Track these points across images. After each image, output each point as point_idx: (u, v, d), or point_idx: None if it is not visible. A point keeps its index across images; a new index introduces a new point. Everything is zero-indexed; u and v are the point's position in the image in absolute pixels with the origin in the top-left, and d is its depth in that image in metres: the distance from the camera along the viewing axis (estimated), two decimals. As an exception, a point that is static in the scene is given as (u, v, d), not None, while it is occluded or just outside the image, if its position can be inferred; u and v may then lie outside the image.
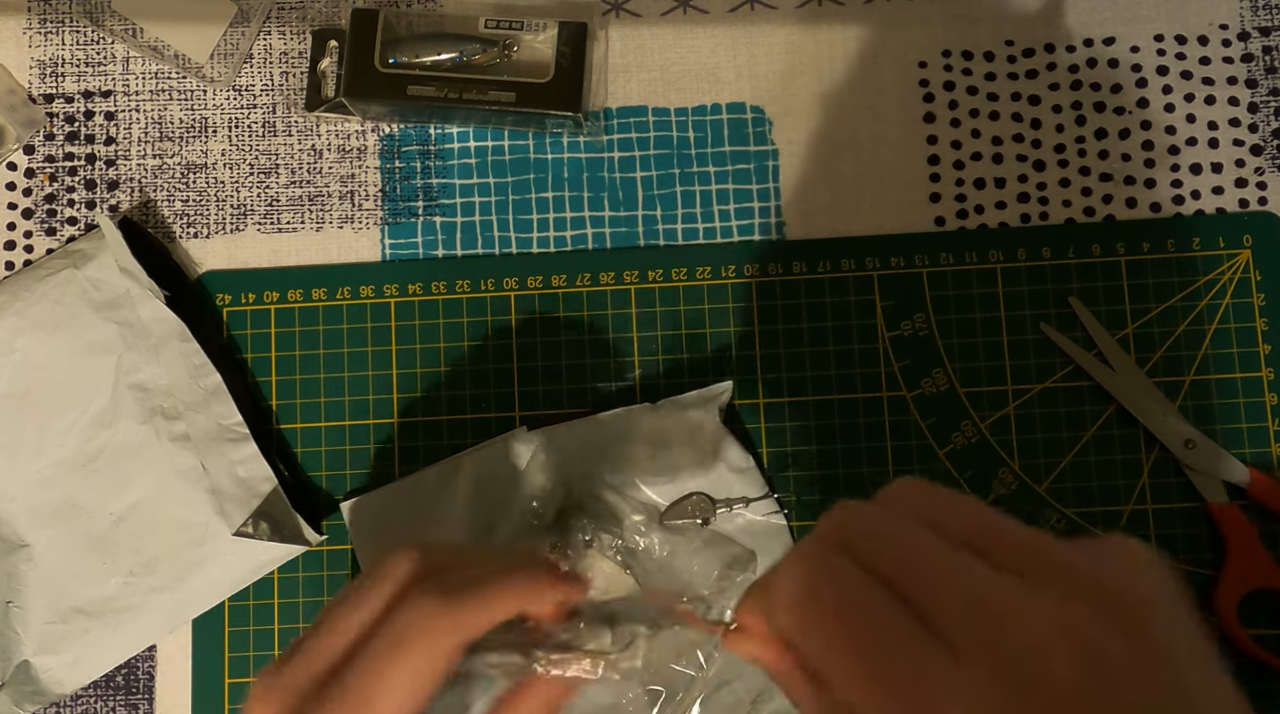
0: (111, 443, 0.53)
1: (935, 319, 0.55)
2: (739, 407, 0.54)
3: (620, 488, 0.52)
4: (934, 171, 0.56)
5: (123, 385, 0.54)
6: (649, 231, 0.56)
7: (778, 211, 0.56)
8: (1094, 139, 0.56)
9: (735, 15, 0.57)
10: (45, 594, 0.53)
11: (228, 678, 0.54)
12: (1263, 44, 0.56)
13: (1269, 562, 0.51)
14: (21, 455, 0.54)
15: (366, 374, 0.55)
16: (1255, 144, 0.56)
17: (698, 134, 0.56)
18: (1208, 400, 0.54)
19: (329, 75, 0.56)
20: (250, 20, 0.58)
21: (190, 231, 0.57)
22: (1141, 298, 0.54)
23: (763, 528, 0.52)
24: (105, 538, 0.53)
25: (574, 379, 0.55)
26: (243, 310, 0.56)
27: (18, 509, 0.53)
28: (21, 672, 0.53)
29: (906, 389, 0.54)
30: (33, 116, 0.58)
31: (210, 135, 0.58)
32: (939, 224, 0.56)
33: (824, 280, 0.55)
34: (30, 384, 0.54)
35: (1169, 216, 0.55)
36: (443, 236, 0.56)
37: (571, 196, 0.56)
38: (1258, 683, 0.51)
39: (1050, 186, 0.56)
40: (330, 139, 0.57)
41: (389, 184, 0.57)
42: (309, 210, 0.57)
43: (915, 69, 0.57)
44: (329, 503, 0.54)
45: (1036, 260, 0.55)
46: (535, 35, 0.55)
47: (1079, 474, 0.53)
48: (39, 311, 0.54)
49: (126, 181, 0.57)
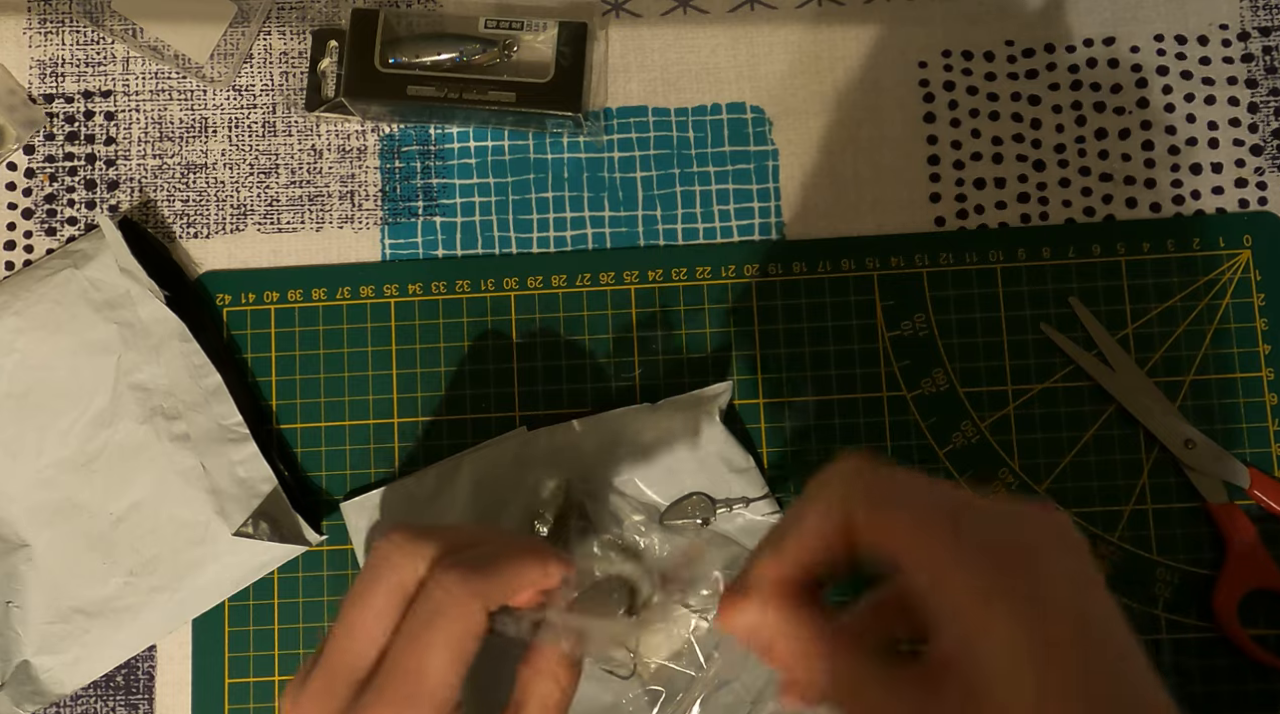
0: (111, 443, 0.53)
1: (935, 319, 0.55)
2: (739, 406, 0.54)
3: (620, 488, 0.52)
4: (934, 171, 0.56)
5: (123, 385, 0.54)
6: (649, 231, 0.56)
7: (778, 211, 0.56)
8: (1094, 139, 0.56)
9: (735, 15, 0.57)
10: (45, 594, 0.53)
11: (228, 678, 0.54)
12: (1263, 44, 0.56)
13: (1269, 561, 0.51)
14: (22, 455, 0.54)
15: (366, 374, 0.55)
16: (1255, 144, 0.56)
17: (698, 134, 0.56)
18: (1208, 400, 0.54)
19: (329, 75, 0.56)
20: (250, 20, 0.58)
21: (190, 231, 0.57)
22: (1141, 298, 0.54)
23: (763, 528, 0.52)
24: (105, 538, 0.53)
25: (574, 379, 0.55)
26: (243, 310, 0.56)
27: (18, 509, 0.53)
28: (21, 672, 0.53)
29: (906, 389, 0.54)
30: (33, 116, 0.58)
31: (210, 135, 0.58)
32: (939, 224, 0.56)
33: (824, 280, 0.55)
34: (30, 384, 0.54)
35: (1169, 216, 0.55)
36: (443, 236, 0.56)
37: (571, 196, 0.56)
38: (1258, 683, 0.51)
39: (1050, 186, 0.56)
40: (330, 139, 0.57)
41: (389, 184, 0.57)
42: (309, 210, 0.57)
43: (915, 69, 0.57)
44: (329, 503, 0.55)
45: (1036, 260, 0.55)
46: (535, 35, 0.55)
47: (1079, 474, 0.53)
48: (39, 312, 0.54)
49: (126, 181, 0.57)
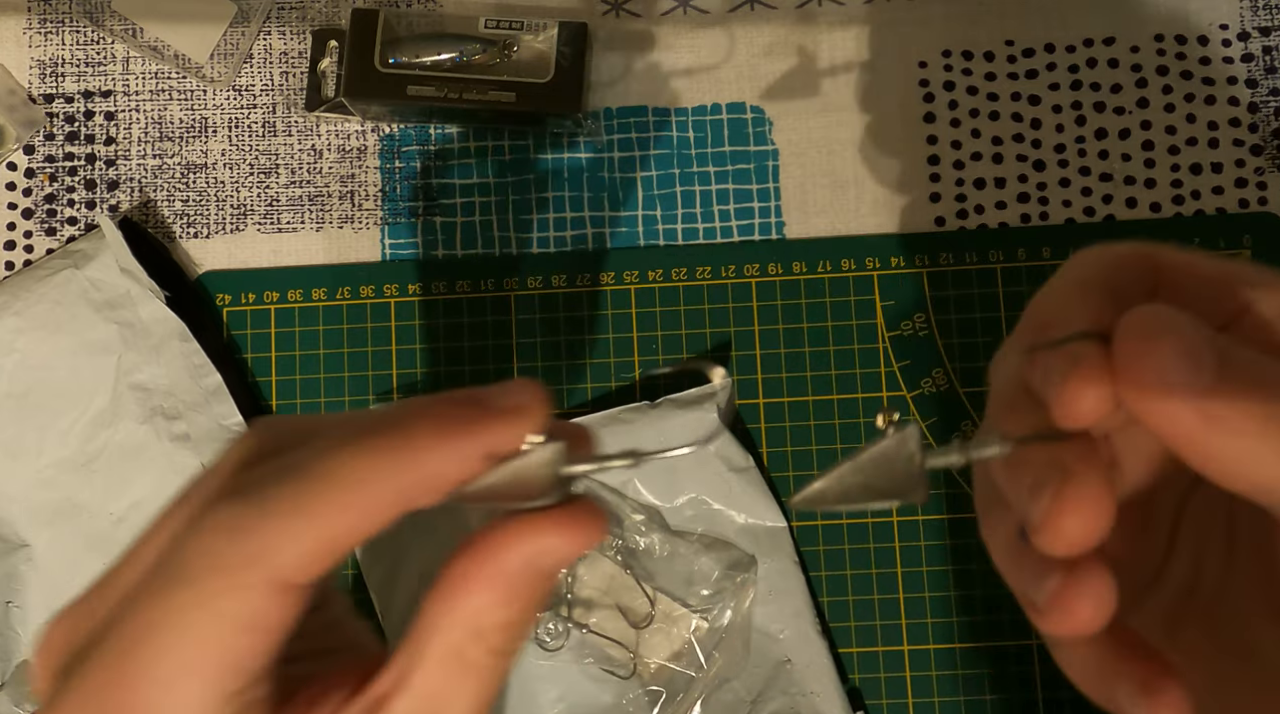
0: (112, 443, 0.53)
1: (935, 319, 0.55)
2: (739, 406, 0.54)
3: (620, 488, 0.52)
4: (934, 171, 0.56)
5: (123, 385, 0.54)
6: (649, 231, 0.56)
7: (778, 211, 0.56)
8: (1094, 139, 0.56)
9: (735, 15, 0.57)
10: (45, 594, 0.53)
11: (228, 678, 0.54)
12: (1263, 44, 0.56)
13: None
14: (22, 455, 0.54)
15: (366, 374, 0.55)
16: (1255, 144, 0.56)
17: (698, 134, 0.56)
18: (1208, 400, 0.54)
19: (329, 75, 0.56)
20: (250, 20, 0.58)
21: (190, 231, 0.57)
22: (1141, 298, 0.54)
23: (763, 531, 0.52)
24: (105, 538, 0.53)
25: (574, 379, 0.55)
26: (243, 310, 0.56)
27: (18, 509, 0.53)
28: (21, 672, 0.53)
29: (906, 389, 0.54)
30: (33, 116, 0.58)
31: (210, 135, 0.58)
32: (939, 224, 0.56)
33: (824, 280, 0.55)
34: (30, 384, 0.54)
35: (1169, 216, 0.55)
36: (443, 236, 0.56)
37: (571, 196, 0.56)
38: (1258, 683, 0.51)
39: (1050, 186, 0.56)
40: (330, 139, 0.57)
41: (389, 184, 0.57)
42: (309, 210, 0.57)
43: (915, 69, 0.57)
44: (329, 503, 0.54)
45: (1036, 260, 0.55)
46: (535, 35, 0.55)
47: (1079, 474, 0.53)
48: (39, 312, 0.54)
49: (126, 181, 0.57)
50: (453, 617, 0.22)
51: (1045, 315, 0.25)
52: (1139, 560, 0.27)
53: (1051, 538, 0.23)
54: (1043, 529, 0.23)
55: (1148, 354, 0.22)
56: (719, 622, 0.51)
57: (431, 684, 0.22)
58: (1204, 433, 0.22)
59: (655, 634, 0.51)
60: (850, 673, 0.52)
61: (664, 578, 0.52)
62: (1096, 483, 0.22)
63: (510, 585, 0.22)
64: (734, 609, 0.51)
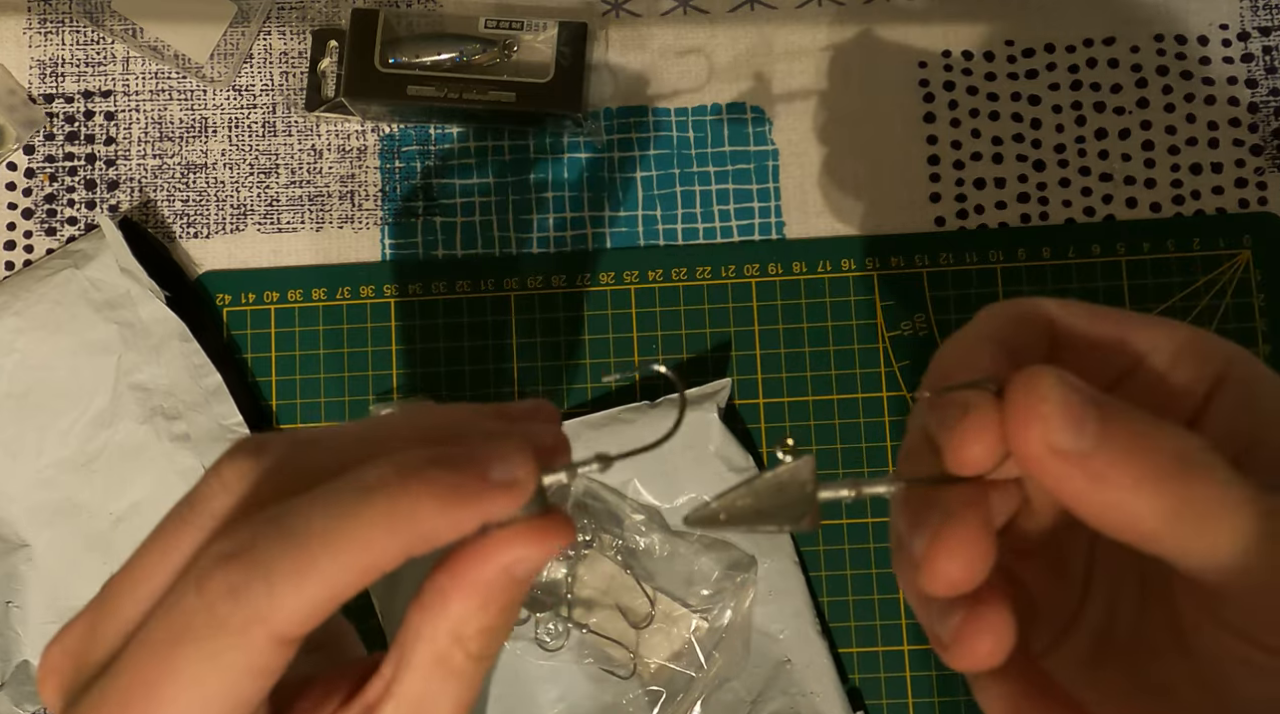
0: (112, 443, 0.53)
1: (935, 319, 0.55)
2: (739, 406, 0.54)
3: (620, 488, 0.52)
4: (934, 171, 0.56)
5: (123, 385, 0.54)
6: (649, 231, 0.56)
7: (778, 211, 0.56)
8: (1094, 139, 0.56)
9: (735, 15, 0.57)
10: (45, 594, 0.53)
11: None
12: (1263, 44, 0.56)
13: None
14: (22, 455, 0.54)
15: (366, 374, 0.55)
16: (1255, 144, 0.56)
17: (698, 134, 0.56)
18: (1208, 400, 0.54)
19: (329, 75, 0.56)
20: (250, 20, 0.58)
21: (190, 231, 0.57)
22: (1141, 298, 0.54)
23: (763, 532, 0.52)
24: (105, 538, 0.53)
25: (574, 379, 0.55)
26: (243, 310, 0.56)
27: (18, 509, 0.53)
28: (21, 672, 0.53)
29: (906, 389, 0.54)
30: (33, 116, 0.58)
31: (210, 135, 0.58)
32: (939, 224, 0.56)
33: (824, 280, 0.55)
34: (30, 384, 0.54)
35: (1169, 216, 0.55)
36: (443, 236, 0.56)
37: (571, 197, 0.56)
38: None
39: (1050, 186, 0.56)
40: (330, 139, 0.57)
41: (389, 184, 0.57)
42: (309, 210, 0.57)
43: (915, 69, 0.57)
44: (329, 503, 0.54)
45: (1036, 260, 0.55)
46: (535, 35, 0.55)
47: (1079, 474, 0.53)
48: (39, 312, 0.54)
49: (126, 181, 0.57)
50: (435, 625, 0.24)
51: (947, 366, 0.26)
52: (1057, 601, 0.28)
53: (929, 578, 0.23)
54: (921, 568, 0.24)
55: (1033, 416, 0.23)
56: (719, 622, 0.51)
57: (417, 689, 0.24)
58: (1088, 490, 0.23)
59: (655, 634, 0.51)
60: (850, 673, 0.52)
61: (664, 578, 0.52)
62: (975, 526, 0.24)
63: (487, 593, 0.24)
64: (734, 609, 0.51)
